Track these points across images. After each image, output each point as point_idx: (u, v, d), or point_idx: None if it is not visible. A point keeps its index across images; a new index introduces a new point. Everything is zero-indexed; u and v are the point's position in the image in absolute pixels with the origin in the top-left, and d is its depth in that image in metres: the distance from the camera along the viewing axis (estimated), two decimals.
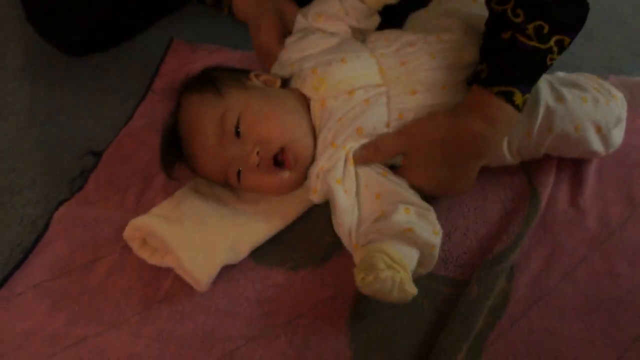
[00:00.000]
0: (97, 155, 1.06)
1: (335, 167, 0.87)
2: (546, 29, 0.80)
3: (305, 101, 0.91)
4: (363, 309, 0.83)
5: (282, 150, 0.87)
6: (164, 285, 0.86)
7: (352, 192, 0.86)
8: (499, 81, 0.82)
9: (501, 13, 0.81)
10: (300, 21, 0.99)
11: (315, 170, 0.88)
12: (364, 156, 0.88)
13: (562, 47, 0.82)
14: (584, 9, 0.82)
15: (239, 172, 0.88)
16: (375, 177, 0.87)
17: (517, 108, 0.82)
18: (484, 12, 0.87)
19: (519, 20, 0.80)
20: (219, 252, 0.85)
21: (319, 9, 0.98)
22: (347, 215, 0.85)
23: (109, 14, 1.25)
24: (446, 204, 0.94)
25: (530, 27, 0.80)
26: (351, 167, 0.87)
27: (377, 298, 0.78)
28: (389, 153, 0.88)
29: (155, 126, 1.06)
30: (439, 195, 0.93)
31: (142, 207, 0.96)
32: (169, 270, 0.87)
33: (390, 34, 0.94)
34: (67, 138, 1.11)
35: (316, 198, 0.90)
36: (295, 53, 0.95)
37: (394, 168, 0.91)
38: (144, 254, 0.88)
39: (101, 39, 1.29)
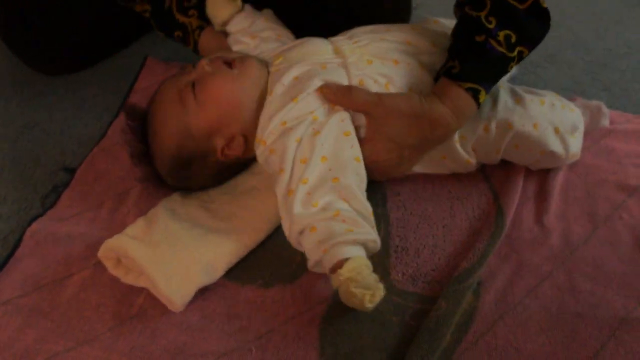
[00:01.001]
0: (71, 171, 1.06)
1: (297, 127, 0.88)
2: (514, 39, 0.87)
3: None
4: (332, 325, 0.84)
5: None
6: (136, 301, 0.87)
7: (302, 156, 0.87)
8: (470, 78, 0.88)
9: (476, 18, 0.87)
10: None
11: (273, 122, 0.90)
12: (334, 94, 0.89)
13: (520, 57, 0.90)
14: (546, 28, 0.90)
15: (193, 86, 0.91)
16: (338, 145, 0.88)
17: (478, 105, 0.89)
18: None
19: (491, 26, 0.87)
20: (194, 274, 0.86)
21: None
22: (289, 164, 0.87)
23: (86, 36, 1.27)
24: (415, 222, 0.97)
25: (501, 35, 0.87)
26: (315, 138, 0.87)
27: (346, 302, 0.80)
28: (357, 103, 0.89)
29: None
30: (385, 177, 0.96)
31: (115, 223, 0.96)
32: (141, 287, 0.87)
33: (342, 32, 1.01)
34: (40, 154, 1.11)
35: (261, 152, 0.92)
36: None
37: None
38: (118, 273, 0.88)
39: (77, 60, 1.30)
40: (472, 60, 0.88)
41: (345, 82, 0.91)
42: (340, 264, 0.79)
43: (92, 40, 1.29)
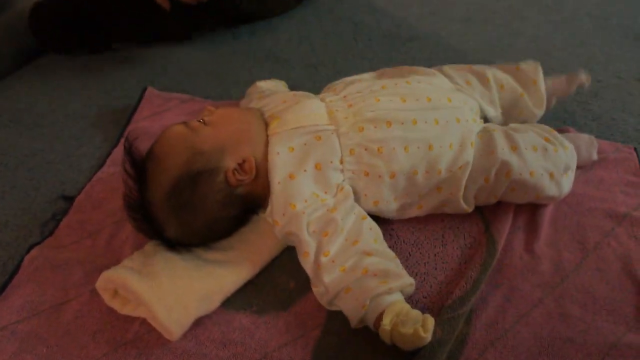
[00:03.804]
0: (69, 199, 1.08)
1: (307, 210, 0.90)
2: None
3: None
4: (326, 351, 0.85)
5: None
6: (132, 327, 0.88)
7: (320, 233, 0.90)
8: None
9: None
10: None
11: (280, 202, 0.91)
12: None
13: None
14: None
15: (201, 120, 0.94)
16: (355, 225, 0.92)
17: None
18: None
19: None
20: (192, 306, 0.87)
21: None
22: (310, 246, 0.89)
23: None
24: (407, 250, 0.98)
25: None
26: (332, 214, 0.90)
27: (406, 347, 0.83)
28: None
29: None
30: None
31: (113, 251, 0.98)
32: None
33: (337, 85, 1.04)
34: (40, 182, 1.13)
35: (278, 231, 0.93)
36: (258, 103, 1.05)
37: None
38: (115, 304, 0.89)
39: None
40: None
41: (338, 151, 0.93)
42: (381, 317, 0.82)
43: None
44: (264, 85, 1.18)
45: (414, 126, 0.95)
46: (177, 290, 0.86)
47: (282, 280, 0.94)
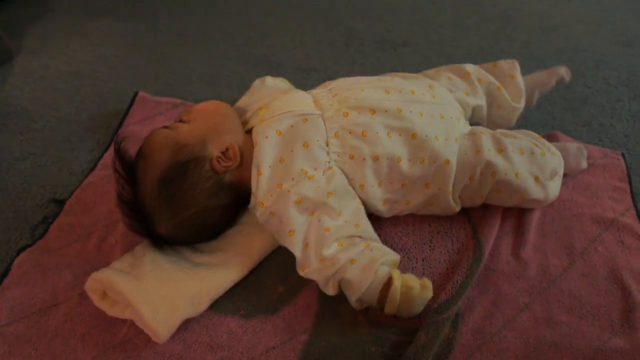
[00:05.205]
0: (60, 203, 1.08)
1: (294, 188, 0.91)
2: None
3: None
4: (313, 355, 0.86)
5: None
6: (120, 330, 0.88)
7: (309, 211, 0.92)
8: None
9: None
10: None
11: (269, 184, 0.92)
12: None
13: None
14: None
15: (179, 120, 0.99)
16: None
17: None
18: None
19: None
20: (179, 307, 0.87)
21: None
22: (298, 225, 0.91)
23: None
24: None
25: None
26: (325, 199, 0.92)
27: (408, 313, 0.89)
28: None
29: None
30: None
31: (103, 254, 0.98)
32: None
33: (326, 83, 1.06)
34: (31, 185, 1.13)
35: (261, 213, 0.94)
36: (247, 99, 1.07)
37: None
38: (104, 306, 0.90)
39: None
40: None
41: (323, 133, 0.95)
42: (389, 282, 0.88)
43: None
44: (270, 81, 1.17)
45: (399, 114, 0.97)
46: (164, 291, 0.87)
47: (270, 284, 0.95)
